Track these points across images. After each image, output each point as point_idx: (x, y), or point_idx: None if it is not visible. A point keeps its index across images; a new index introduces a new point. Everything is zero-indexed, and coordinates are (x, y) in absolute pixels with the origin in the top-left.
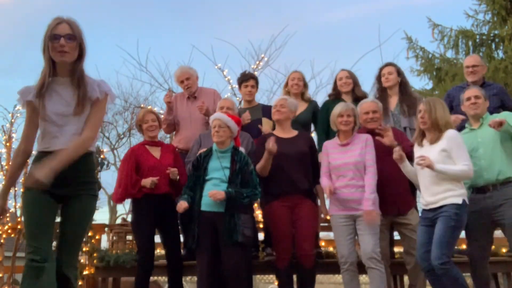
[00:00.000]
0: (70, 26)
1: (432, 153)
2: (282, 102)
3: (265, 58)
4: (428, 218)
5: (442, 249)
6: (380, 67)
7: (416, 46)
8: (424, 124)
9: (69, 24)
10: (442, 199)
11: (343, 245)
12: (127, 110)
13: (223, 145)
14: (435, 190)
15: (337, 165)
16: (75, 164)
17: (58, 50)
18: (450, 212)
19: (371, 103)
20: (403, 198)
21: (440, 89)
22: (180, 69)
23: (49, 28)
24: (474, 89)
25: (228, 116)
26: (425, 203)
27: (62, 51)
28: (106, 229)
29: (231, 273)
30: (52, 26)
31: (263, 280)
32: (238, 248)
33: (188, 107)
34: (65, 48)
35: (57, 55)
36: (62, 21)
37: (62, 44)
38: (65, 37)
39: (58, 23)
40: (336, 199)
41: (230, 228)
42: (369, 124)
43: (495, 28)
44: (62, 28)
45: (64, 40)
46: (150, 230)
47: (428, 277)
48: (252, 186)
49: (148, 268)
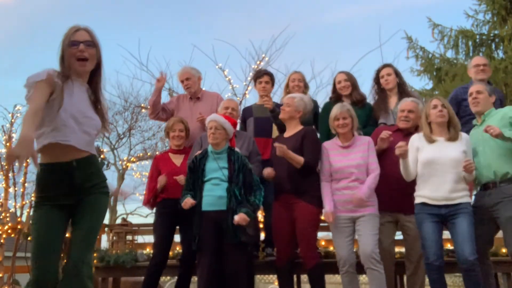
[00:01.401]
0: (89, 34)
1: (453, 151)
2: (287, 101)
3: (266, 58)
4: (439, 214)
5: (473, 244)
6: (377, 69)
7: (416, 46)
8: (443, 117)
9: (87, 31)
10: (460, 197)
11: (342, 247)
12: (127, 110)
13: (218, 146)
14: (453, 187)
15: (338, 168)
16: (82, 170)
17: (78, 56)
18: (469, 209)
19: (410, 102)
20: (410, 199)
21: (440, 89)
22: (183, 69)
23: (67, 35)
24: (477, 84)
25: (224, 118)
26: (438, 198)
27: (82, 59)
28: (106, 229)
29: (233, 272)
30: (70, 33)
31: (263, 280)
32: (241, 248)
33: (190, 107)
34: (85, 54)
35: (76, 64)
36: (80, 28)
37: (82, 50)
38: (84, 43)
39: (76, 30)
40: (336, 200)
41: (234, 227)
42: (401, 123)
43: (495, 28)
44: (81, 35)
45: (84, 46)
46: (167, 231)
47: (438, 275)
48: (256, 186)
49: (159, 266)
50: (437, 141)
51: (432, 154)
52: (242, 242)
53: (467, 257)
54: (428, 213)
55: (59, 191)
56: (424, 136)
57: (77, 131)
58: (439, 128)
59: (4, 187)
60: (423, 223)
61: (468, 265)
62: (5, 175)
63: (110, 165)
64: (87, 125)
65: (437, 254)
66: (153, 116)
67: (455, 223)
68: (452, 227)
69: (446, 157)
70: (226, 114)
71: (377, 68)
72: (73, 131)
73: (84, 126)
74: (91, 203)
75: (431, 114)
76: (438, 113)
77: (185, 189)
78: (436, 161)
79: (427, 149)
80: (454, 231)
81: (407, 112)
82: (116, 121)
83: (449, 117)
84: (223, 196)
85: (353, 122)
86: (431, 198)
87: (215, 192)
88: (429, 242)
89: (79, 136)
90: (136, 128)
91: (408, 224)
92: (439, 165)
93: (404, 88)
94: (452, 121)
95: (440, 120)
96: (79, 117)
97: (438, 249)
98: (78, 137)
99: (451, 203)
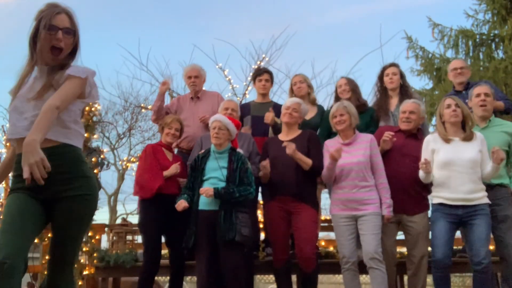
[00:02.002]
0: (69, 19)
1: (470, 152)
2: (295, 106)
3: (266, 58)
4: (456, 214)
5: (488, 247)
6: (383, 66)
7: (416, 46)
8: (457, 117)
9: (69, 16)
10: (478, 198)
11: (344, 245)
12: (127, 110)
13: (221, 146)
14: (472, 188)
15: (339, 165)
16: (55, 157)
17: (53, 43)
18: (487, 210)
19: (411, 103)
20: (413, 200)
21: (440, 89)
22: (193, 65)
23: (46, 16)
24: (485, 86)
25: (228, 119)
26: (455, 199)
27: (56, 48)
28: (106, 229)
29: (229, 272)
30: (50, 14)
31: (263, 280)
32: (236, 247)
33: (191, 107)
34: (61, 44)
35: (48, 52)
36: (61, 11)
37: (59, 38)
38: (63, 30)
39: (57, 13)
40: (337, 199)
41: (226, 226)
42: (403, 124)
43: (495, 28)
44: (61, 20)
45: (62, 34)
46: (157, 230)
47: (443, 274)
48: (247, 184)
49: (153, 269)
50: (453, 141)
51: (449, 155)
52: (236, 241)
53: (481, 259)
54: (445, 213)
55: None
56: (440, 135)
57: (18, 120)
58: (453, 128)
59: (4, 187)
60: (438, 221)
61: (482, 267)
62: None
63: (110, 165)
64: (29, 111)
65: (445, 253)
66: (157, 121)
67: (473, 225)
68: (470, 228)
69: (463, 158)
70: (226, 114)
71: (383, 66)
72: (13, 124)
73: (26, 113)
74: (65, 210)
75: (445, 113)
76: (452, 112)
77: (184, 187)
78: (453, 162)
79: (443, 150)
80: (470, 233)
81: (408, 113)
82: (116, 121)
83: (463, 117)
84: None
85: (351, 119)
86: (449, 199)
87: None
88: (439, 241)
89: (21, 125)
90: (136, 128)
91: (410, 224)
92: (456, 166)
93: (406, 90)
94: (467, 121)
95: (454, 119)
96: (20, 107)
97: (448, 249)
98: (17, 127)
99: (469, 204)
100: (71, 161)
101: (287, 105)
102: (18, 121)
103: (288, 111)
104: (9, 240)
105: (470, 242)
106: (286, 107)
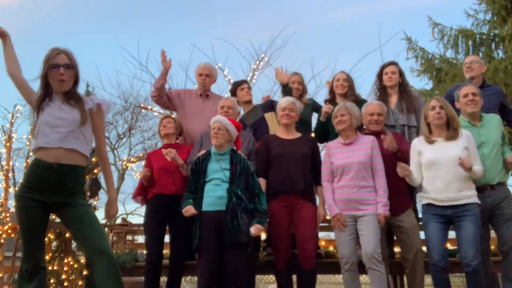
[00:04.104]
0: (68, 57)
1: (454, 150)
2: (291, 105)
3: (266, 58)
4: (445, 215)
5: (477, 248)
6: (382, 65)
7: (416, 47)
8: (440, 119)
9: (67, 54)
10: (467, 197)
11: (344, 245)
12: (127, 110)
13: (221, 148)
14: (459, 187)
15: (340, 164)
16: (70, 174)
17: (58, 78)
18: (476, 211)
19: (377, 105)
20: (398, 198)
21: (440, 89)
22: (206, 64)
23: (49, 58)
24: (471, 86)
25: (228, 120)
26: (443, 199)
27: (61, 80)
28: (106, 229)
29: (233, 272)
30: (52, 56)
31: (263, 280)
32: (241, 248)
33: (198, 103)
34: (64, 77)
35: (57, 83)
36: (60, 52)
37: (62, 73)
38: (63, 66)
39: (57, 53)
40: (337, 199)
41: (234, 227)
42: (372, 126)
43: (495, 27)
44: (61, 59)
45: (63, 69)
46: (158, 230)
47: (442, 276)
48: (258, 190)
49: (156, 268)
50: (437, 142)
51: (433, 155)
52: (242, 242)
53: (470, 261)
54: (434, 214)
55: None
56: (423, 137)
57: (48, 133)
58: (438, 129)
59: (4, 187)
60: (429, 223)
61: (471, 269)
62: (5, 175)
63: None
64: (59, 126)
65: (442, 255)
66: (157, 99)
67: (461, 226)
68: (458, 229)
69: (447, 157)
70: (222, 113)
71: (382, 64)
72: (45, 134)
73: (56, 128)
74: (80, 208)
75: (429, 115)
76: (436, 115)
77: (187, 191)
78: (437, 162)
79: (428, 151)
80: (459, 234)
81: (377, 115)
82: (116, 121)
83: (448, 118)
84: (223, 197)
85: (353, 119)
86: (437, 200)
87: (215, 193)
88: (433, 243)
89: (52, 137)
90: (136, 128)
91: (399, 223)
92: (441, 165)
93: (405, 88)
94: (452, 122)
95: (437, 122)
96: (51, 121)
97: (443, 250)
98: (50, 138)
99: (457, 204)
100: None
101: (283, 106)
102: (50, 133)
103: (285, 112)
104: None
105: (458, 243)
106: (282, 108)
